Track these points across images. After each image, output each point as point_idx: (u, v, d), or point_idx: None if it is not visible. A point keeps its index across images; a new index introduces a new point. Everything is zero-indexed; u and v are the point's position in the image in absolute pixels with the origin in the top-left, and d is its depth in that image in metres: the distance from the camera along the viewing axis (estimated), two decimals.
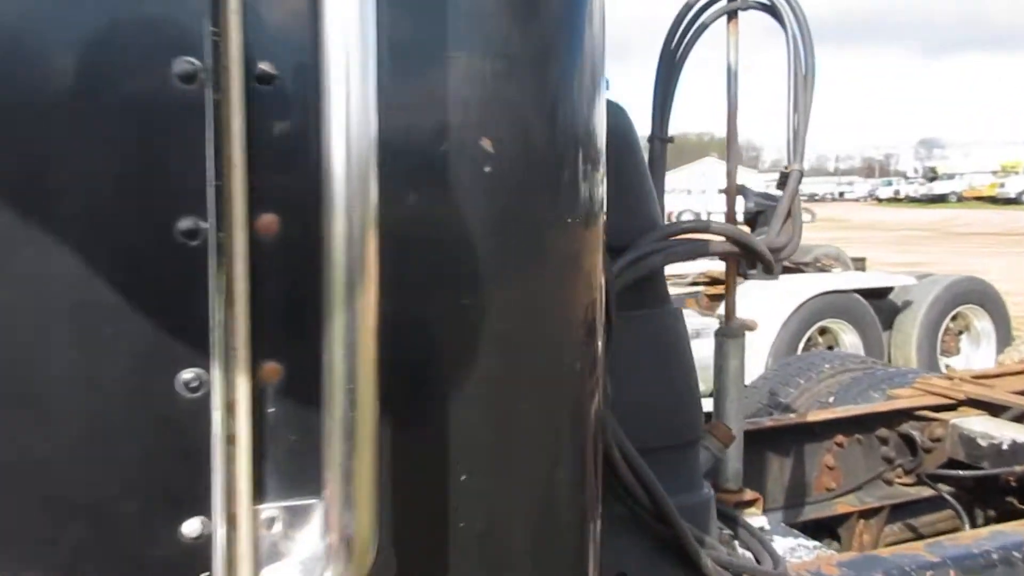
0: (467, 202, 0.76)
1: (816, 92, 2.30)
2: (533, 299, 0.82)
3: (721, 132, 2.55)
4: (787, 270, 9.15)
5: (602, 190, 0.92)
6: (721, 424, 2.51)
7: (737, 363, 2.63)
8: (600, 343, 0.98)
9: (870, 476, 3.89)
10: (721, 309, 8.23)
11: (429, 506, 0.77)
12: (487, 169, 0.76)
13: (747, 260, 1.96)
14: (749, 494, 2.72)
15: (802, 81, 2.27)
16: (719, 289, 8.37)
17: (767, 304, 7.63)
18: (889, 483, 3.96)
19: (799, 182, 2.20)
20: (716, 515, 2.64)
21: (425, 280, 0.75)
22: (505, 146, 0.79)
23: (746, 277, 2.41)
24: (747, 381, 5.33)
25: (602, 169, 0.93)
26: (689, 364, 1.83)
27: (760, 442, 3.62)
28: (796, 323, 7.66)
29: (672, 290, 8.75)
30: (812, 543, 2.55)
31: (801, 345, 7.69)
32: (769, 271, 1.99)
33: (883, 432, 3.88)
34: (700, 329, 7.62)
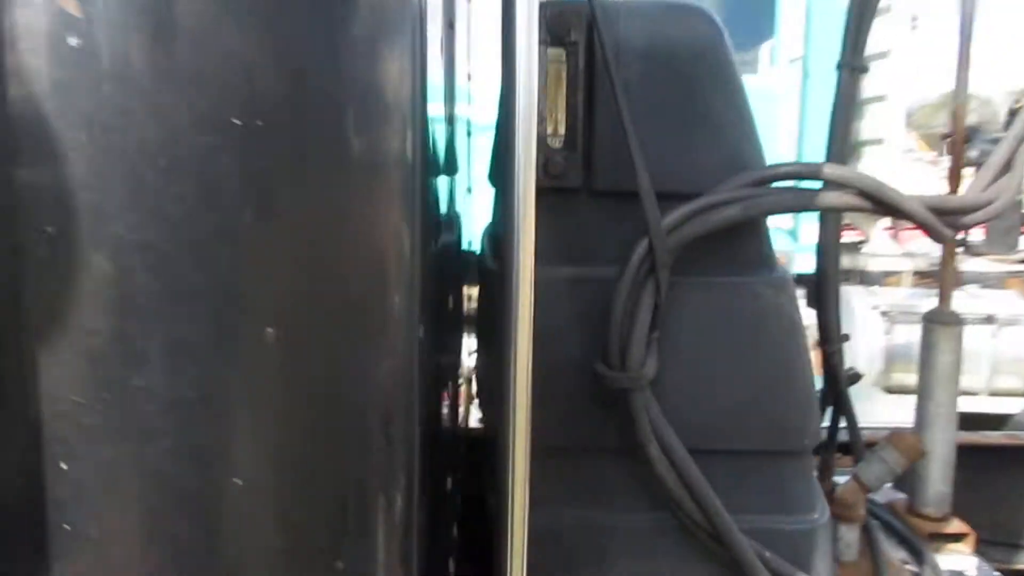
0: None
1: None
2: (227, 271, 0.62)
3: None
4: None
5: (398, 143, 0.72)
6: (906, 433, 1.97)
7: (949, 359, 2.04)
8: (402, 306, 0.73)
9: None
10: None
11: None
12: (73, 40, 0.54)
13: (893, 219, 1.45)
14: (956, 526, 2.13)
15: None
16: None
17: None
18: None
19: None
20: (893, 541, 2.12)
21: None
22: (213, 100, 0.60)
23: (967, 249, 1.82)
24: None
25: (400, 123, 0.73)
26: (796, 352, 1.41)
27: (1019, 462, 2.85)
28: None
29: (995, 267, 7.35)
30: None
31: None
32: (937, 238, 1.46)
33: None
34: (1021, 315, 6.26)
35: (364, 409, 0.73)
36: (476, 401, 2.28)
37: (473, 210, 2.26)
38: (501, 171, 1.01)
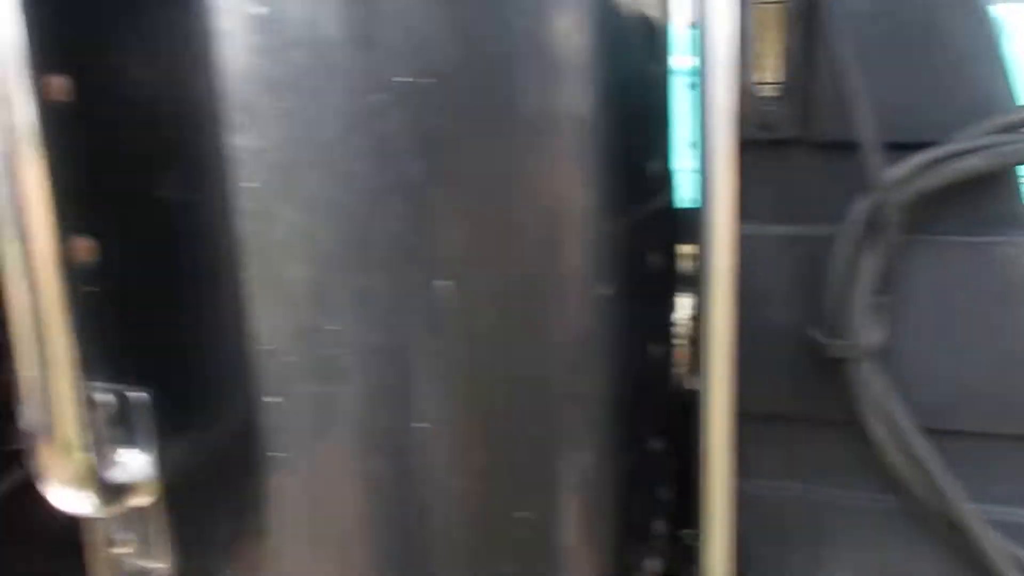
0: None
1: None
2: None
3: None
4: None
5: (573, 99, 0.71)
6: None
7: None
8: (582, 263, 0.73)
9: None
10: None
11: None
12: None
13: None
14: None
15: None
16: None
17: None
18: None
19: None
20: None
21: None
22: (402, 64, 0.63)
23: None
24: None
25: (574, 79, 0.72)
26: None
27: None
28: None
29: None
30: None
31: None
32: None
33: None
34: None
35: (544, 364, 0.74)
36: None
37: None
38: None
